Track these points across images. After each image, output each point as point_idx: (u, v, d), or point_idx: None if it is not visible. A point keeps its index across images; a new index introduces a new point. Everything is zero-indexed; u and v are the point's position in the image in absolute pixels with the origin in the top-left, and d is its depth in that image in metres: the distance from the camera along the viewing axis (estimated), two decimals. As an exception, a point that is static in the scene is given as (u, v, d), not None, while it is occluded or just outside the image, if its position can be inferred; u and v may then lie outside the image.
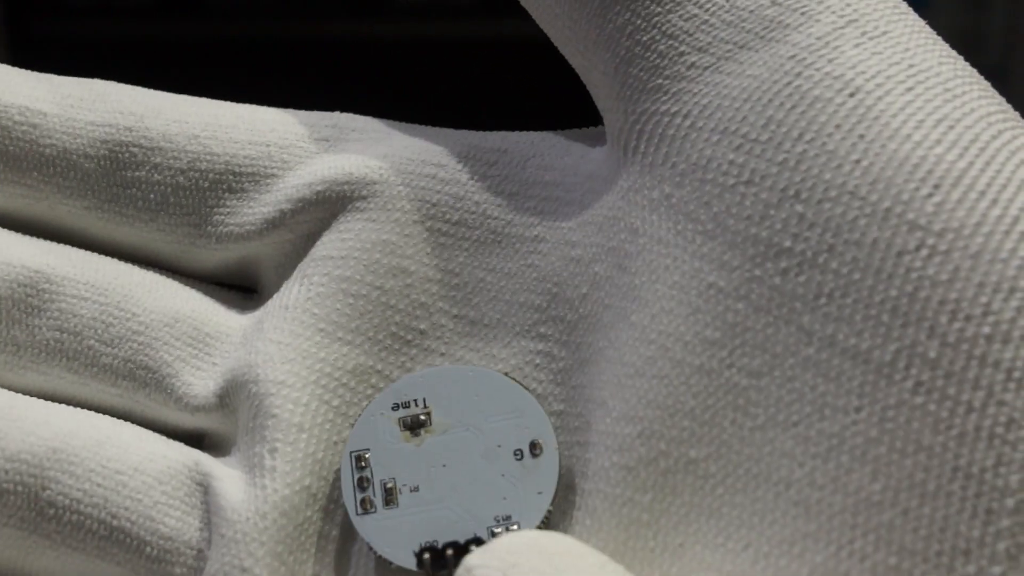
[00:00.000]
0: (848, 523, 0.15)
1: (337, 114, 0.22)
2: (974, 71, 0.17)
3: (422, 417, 0.19)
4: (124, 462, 0.19)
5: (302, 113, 0.21)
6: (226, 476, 0.19)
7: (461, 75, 0.62)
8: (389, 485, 0.19)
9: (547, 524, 0.18)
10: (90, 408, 0.20)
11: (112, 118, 0.21)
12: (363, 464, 0.19)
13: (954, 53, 0.17)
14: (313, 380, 0.19)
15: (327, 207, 0.20)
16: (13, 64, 0.22)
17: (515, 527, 0.18)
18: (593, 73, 0.19)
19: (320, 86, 0.24)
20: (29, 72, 0.21)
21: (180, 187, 0.21)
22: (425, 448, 0.19)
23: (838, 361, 0.15)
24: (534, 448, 0.18)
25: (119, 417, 0.20)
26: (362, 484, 0.19)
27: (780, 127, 0.16)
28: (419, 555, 0.18)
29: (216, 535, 0.19)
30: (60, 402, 0.20)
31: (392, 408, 0.19)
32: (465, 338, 0.20)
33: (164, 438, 0.20)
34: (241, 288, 0.22)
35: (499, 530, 0.18)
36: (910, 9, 0.18)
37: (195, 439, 0.21)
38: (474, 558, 0.15)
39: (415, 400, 0.19)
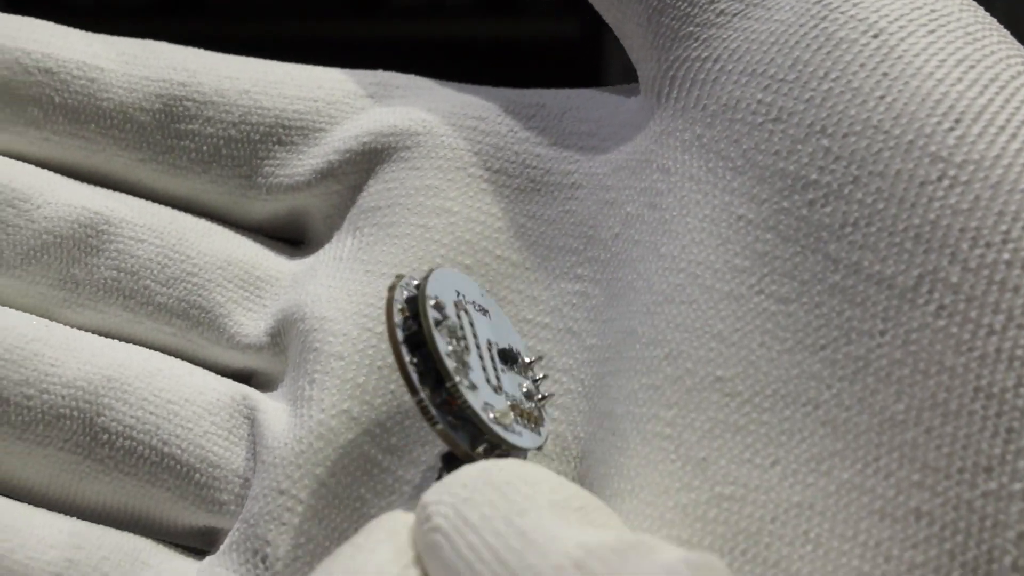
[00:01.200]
0: (873, 441, 0.15)
1: (381, 72, 0.22)
2: (993, 20, 0.18)
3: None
4: (176, 392, 0.20)
5: (347, 71, 0.22)
6: (271, 408, 0.20)
7: (461, 75, 0.62)
8: None
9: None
10: (144, 346, 0.21)
11: (166, 73, 0.21)
12: None
13: (974, 4, 0.18)
14: (355, 311, 0.20)
15: (373, 158, 0.21)
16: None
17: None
18: (627, 25, 0.20)
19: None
20: (84, 32, 0.22)
21: (232, 139, 0.21)
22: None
23: (863, 287, 0.16)
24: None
25: (172, 355, 0.21)
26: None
27: (806, 67, 0.17)
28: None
29: (259, 463, 0.19)
30: (115, 339, 0.21)
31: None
32: (508, 279, 0.20)
33: (214, 374, 0.21)
34: (288, 241, 0.22)
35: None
36: None
37: (244, 378, 0.21)
38: (430, 494, 0.15)
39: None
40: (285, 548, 0.19)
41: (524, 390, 0.18)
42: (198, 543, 0.20)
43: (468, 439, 0.17)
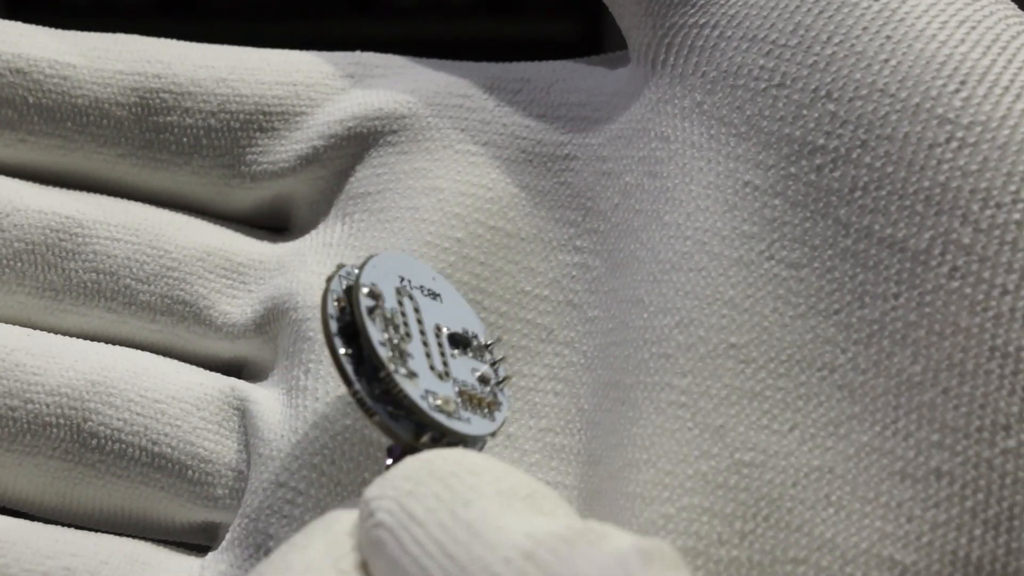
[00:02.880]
0: (891, 403, 0.15)
1: (359, 53, 0.22)
2: None
3: None
4: (162, 391, 0.20)
5: (325, 53, 0.22)
6: (263, 399, 0.20)
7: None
8: None
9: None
10: (131, 346, 0.21)
11: (140, 66, 0.21)
12: None
13: None
14: None
15: (359, 142, 0.21)
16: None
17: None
18: None
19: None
20: (52, 29, 0.22)
21: (212, 129, 0.21)
22: None
23: (875, 250, 0.16)
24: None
25: (160, 353, 0.21)
26: None
27: (809, 31, 0.17)
28: None
29: (254, 455, 0.19)
30: (102, 342, 0.21)
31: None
32: (503, 250, 0.20)
33: (200, 369, 0.21)
34: (272, 230, 0.22)
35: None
36: None
37: (235, 370, 0.21)
38: (372, 489, 0.15)
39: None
40: None
41: (478, 375, 0.18)
42: (198, 539, 0.20)
43: (411, 430, 0.17)
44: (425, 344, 0.18)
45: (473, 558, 0.13)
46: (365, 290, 0.17)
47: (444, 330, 0.18)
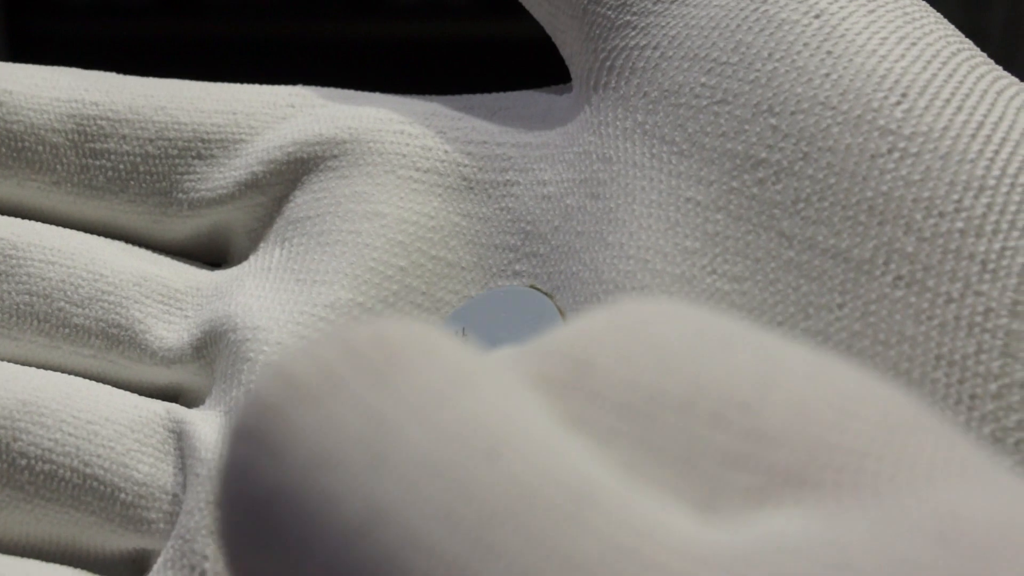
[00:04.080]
0: None
1: (300, 87, 0.22)
2: (927, 5, 0.18)
3: None
4: (95, 412, 0.20)
5: (267, 86, 0.22)
6: (200, 420, 0.20)
7: (461, 75, 0.63)
8: None
9: None
10: (65, 372, 0.21)
11: (78, 94, 0.21)
12: None
13: None
14: (289, 320, 0.20)
15: (299, 168, 0.21)
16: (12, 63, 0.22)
17: None
18: (560, 18, 0.20)
19: (320, 86, 0.25)
20: None
21: (149, 156, 0.21)
22: None
23: (819, 261, 0.16)
24: None
25: (94, 379, 0.21)
26: None
27: (750, 49, 0.17)
28: None
29: (191, 475, 0.19)
30: (34, 366, 0.21)
31: None
32: (444, 279, 0.20)
33: (136, 393, 0.20)
34: (210, 263, 0.22)
35: None
36: None
37: (171, 397, 0.21)
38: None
39: (457, 333, 0.19)
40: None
41: None
42: (127, 573, 0.20)
43: None
44: None
45: None
46: None
47: None
